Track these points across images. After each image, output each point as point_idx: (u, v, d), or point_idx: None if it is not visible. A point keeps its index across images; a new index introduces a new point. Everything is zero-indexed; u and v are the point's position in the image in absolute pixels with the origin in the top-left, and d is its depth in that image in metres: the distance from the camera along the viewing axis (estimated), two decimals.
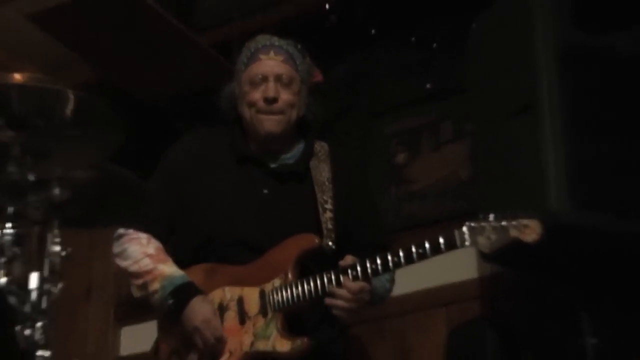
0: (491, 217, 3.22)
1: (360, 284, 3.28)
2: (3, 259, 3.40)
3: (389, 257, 3.29)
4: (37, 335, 3.39)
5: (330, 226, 3.48)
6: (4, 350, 2.95)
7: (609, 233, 3.49)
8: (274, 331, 3.33)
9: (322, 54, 5.17)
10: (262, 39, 3.62)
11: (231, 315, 3.38)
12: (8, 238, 3.42)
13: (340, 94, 5.09)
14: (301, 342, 3.32)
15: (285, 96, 3.51)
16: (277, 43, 3.60)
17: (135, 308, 5.23)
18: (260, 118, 3.51)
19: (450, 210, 4.58)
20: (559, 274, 3.75)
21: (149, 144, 5.36)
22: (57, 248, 3.62)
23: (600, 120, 3.55)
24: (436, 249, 3.25)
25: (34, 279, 3.51)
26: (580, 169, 3.46)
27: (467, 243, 3.23)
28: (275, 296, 3.36)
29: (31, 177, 3.46)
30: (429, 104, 4.86)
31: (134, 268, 3.46)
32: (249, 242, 3.45)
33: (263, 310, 3.37)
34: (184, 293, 3.35)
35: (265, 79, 3.51)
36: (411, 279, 4.31)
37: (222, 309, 3.40)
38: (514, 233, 3.20)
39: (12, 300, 3.27)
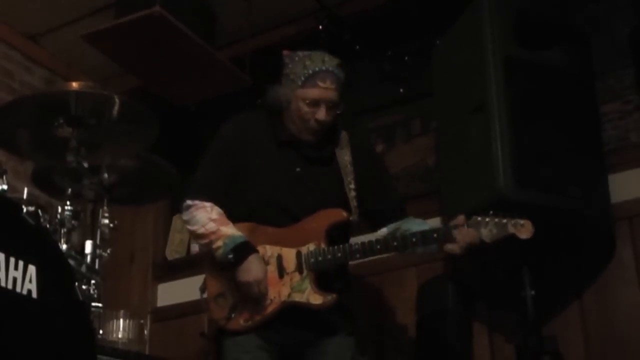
0: (494, 214, 3.22)
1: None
2: (64, 230, 3.41)
3: (410, 238, 3.30)
4: (92, 291, 3.42)
5: (355, 203, 3.43)
6: None
7: (544, 205, 3.50)
8: (308, 286, 3.30)
9: None
10: (319, 61, 3.42)
11: (271, 269, 3.32)
12: (67, 213, 3.44)
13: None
14: (331, 297, 3.30)
15: (331, 117, 3.42)
16: (331, 68, 3.41)
17: (169, 269, 5.26)
18: (307, 130, 3.44)
19: (418, 190, 4.57)
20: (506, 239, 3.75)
21: (179, 139, 5.37)
22: (107, 221, 3.65)
23: (537, 117, 3.56)
24: (448, 235, 3.27)
25: (88, 246, 3.55)
26: (521, 156, 3.47)
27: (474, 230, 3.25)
28: (310, 258, 3.32)
29: (85, 165, 3.47)
30: (402, 105, 4.84)
31: (201, 231, 3.36)
32: (285, 210, 3.40)
33: (299, 268, 3.32)
34: (242, 251, 3.27)
35: (318, 103, 3.38)
36: None
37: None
38: (511, 230, 3.21)
39: (71, 262, 3.29)
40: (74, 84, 3.46)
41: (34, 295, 2.75)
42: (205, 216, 3.38)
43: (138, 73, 5.21)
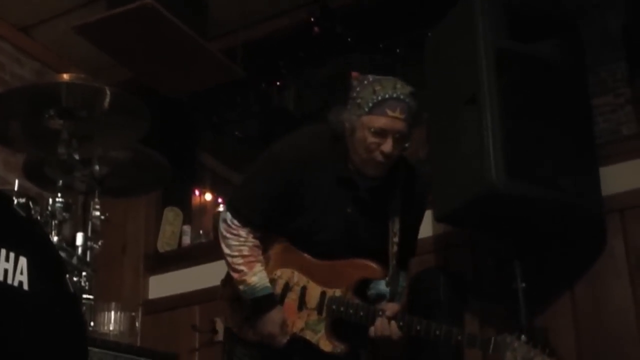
0: (524, 340, 3.03)
1: (400, 334, 3.19)
2: (55, 222, 3.41)
3: (432, 329, 3.15)
4: (83, 283, 3.42)
5: (394, 261, 3.30)
6: None
7: (535, 197, 3.51)
8: (322, 329, 3.24)
9: (308, 58, 5.20)
10: (390, 87, 3.16)
11: (292, 297, 3.29)
12: (59, 205, 3.44)
13: (323, 89, 5.09)
14: (340, 349, 3.25)
15: (397, 150, 3.18)
16: (402, 96, 3.16)
17: (161, 261, 5.26)
18: (370, 163, 3.19)
19: None
20: (497, 231, 3.76)
21: (171, 131, 5.38)
22: (98, 213, 3.65)
23: (527, 109, 3.56)
24: (472, 344, 3.14)
25: (79, 238, 3.55)
26: (513, 148, 3.46)
27: (496, 352, 3.05)
28: (332, 303, 3.26)
29: (77, 157, 3.47)
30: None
31: (228, 259, 3.31)
32: (322, 247, 3.30)
33: (319, 308, 3.26)
34: (261, 304, 3.25)
35: (386, 133, 3.13)
36: None
37: (286, 287, 3.31)
38: None
39: (62, 254, 3.28)
40: (65, 76, 3.46)
41: (25, 287, 2.74)
42: (237, 247, 3.30)
43: (130, 65, 5.20)
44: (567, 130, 3.71)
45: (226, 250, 3.33)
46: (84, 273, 3.43)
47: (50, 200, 3.44)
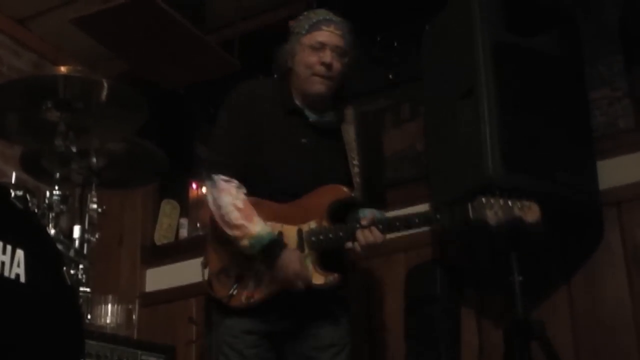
0: (499, 196, 3.13)
1: (383, 237, 3.23)
2: (52, 214, 3.41)
3: (410, 220, 3.24)
4: (80, 275, 3.42)
5: (358, 180, 3.37)
6: None
7: (532, 190, 3.50)
8: (309, 265, 3.25)
9: None
10: (324, 13, 3.46)
11: None
12: (56, 198, 3.44)
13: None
14: (333, 277, 3.26)
15: (337, 65, 3.38)
16: (336, 20, 3.43)
17: (157, 254, 5.26)
18: (313, 79, 3.38)
19: (408, 174, 4.58)
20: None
21: (168, 123, 5.38)
22: (95, 206, 3.64)
23: (525, 102, 3.57)
24: (452, 218, 3.22)
25: (76, 230, 3.54)
26: (510, 141, 3.47)
27: (478, 215, 3.14)
28: (311, 236, 3.27)
29: (74, 149, 3.47)
30: (391, 90, 4.85)
31: (225, 218, 3.27)
32: (287, 184, 3.34)
33: (300, 246, 3.27)
34: (273, 250, 3.21)
35: (323, 46, 3.36)
36: None
37: None
38: (517, 213, 3.13)
39: (59, 246, 3.28)
40: (63, 68, 3.45)
41: (22, 279, 2.75)
42: (230, 202, 3.29)
43: (127, 57, 5.20)
44: (564, 123, 3.72)
45: (221, 211, 3.30)
46: (81, 265, 3.42)
47: (48, 193, 3.43)
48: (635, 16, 4.25)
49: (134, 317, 4.72)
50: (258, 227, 3.24)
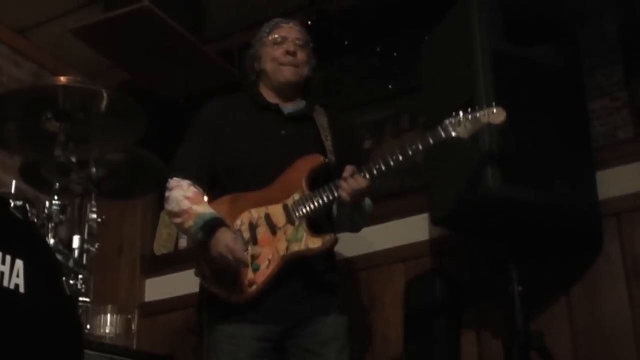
0: (463, 112, 3.25)
1: (368, 181, 3.26)
2: (52, 225, 3.42)
3: (390, 157, 3.27)
4: (79, 286, 3.42)
5: (331, 148, 3.46)
6: None
7: (532, 201, 3.52)
8: (304, 234, 3.29)
9: None
10: (282, 18, 3.73)
11: (263, 230, 3.31)
12: (55, 208, 3.45)
13: (320, 92, 5.09)
14: (330, 237, 3.31)
15: (300, 55, 3.57)
16: (293, 20, 3.72)
17: (157, 264, 5.26)
18: (281, 69, 3.54)
19: (407, 185, 4.58)
20: (494, 235, 3.77)
21: (167, 133, 5.37)
22: (95, 216, 3.65)
23: (524, 113, 3.57)
24: (427, 144, 3.25)
25: (76, 241, 3.55)
26: (509, 152, 3.47)
27: (449, 134, 3.24)
28: (298, 206, 3.32)
29: (73, 159, 3.48)
30: (391, 100, 4.85)
31: (176, 209, 3.38)
32: (272, 175, 3.40)
33: (290, 220, 3.31)
34: (210, 227, 3.25)
35: (285, 39, 3.57)
36: (376, 241, 4.35)
37: (252, 227, 3.32)
38: (484, 120, 3.24)
39: (59, 257, 3.29)
40: (62, 79, 3.46)
41: (22, 290, 2.76)
42: (181, 194, 3.39)
43: (127, 67, 5.22)
44: (563, 134, 3.71)
45: (171, 206, 3.42)
46: (80, 276, 3.43)
47: (47, 203, 3.45)
48: (635, 26, 4.27)
49: (133, 327, 4.72)
50: (203, 208, 3.34)
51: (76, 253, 3.51)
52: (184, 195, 3.38)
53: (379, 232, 4.26)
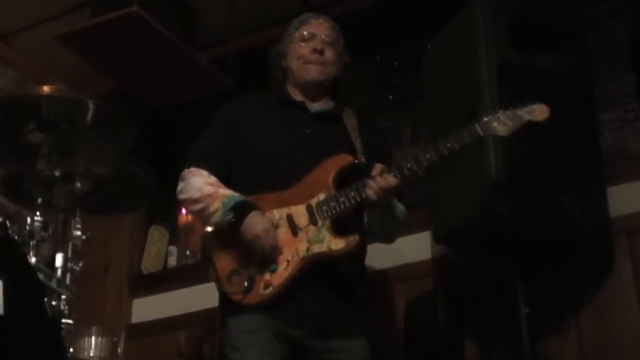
0: (502, 110, 3.17)
1: (397, 180, 3.21)
2: (33, 242, 3.43)
3: (423, 155, 3.20)
4: (62, 306, 3.44)
5: (362, 150, 3.41)
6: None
7: (538, 219, 3.53)
8: (326, 234, 3.24)
9: None
10: (311, 13, 3.76)
11: (283, 230, 3.28)
12: (37, 224, 3.47)
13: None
14: (353, 238, 3.24)
15: (329, 53, 3.57)
16: (324, 15, 3.70)
17: (145, 283, 5.27)
18: (307, 67, 3.55)
19: (409, 200, 4.57)
20: (498, 253, 3.78)
21: (157, 145, 5.40)
22: (79, 232, 3.67)
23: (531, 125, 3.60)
24: (462, 142, 3.16)
25: (59, 259, 3.57)
26: (515, 166, 3.49)
27: (489, 130, 3.16)
28: (322, 206, 3.28)
29: (57, 172, 3.50)
30: (391, 111, 4.86)
31: (196, 195, 3.37)
32: (295, 174, 3.37)
33: (313, 220, 3.27)
34: (243, 207, 3.26)
35: (313, 36, 3.58)
36: (377, 260, 4.34)
37: (272, 227, 3.30)
38: (525, 116, 3.15)
39: (41, 276, 3.30)
40: (46, 88, 3.49)
41: (1, 310, 2.77)
42: (202, 180, 3.40)
43: (114, 75, 5.25)
44: (572, 147, 3.74)
45: (189, 193, 3.41)
46: (63, 296, 3.45)
47: (29, 219, 3.46)
48: None
49: (119, 350, 4.71)
50: (229, 191, 3.35)
51: (59, 272, 3.53)
52: (206, 182, 3.39)
53: (378, 250, 4.24)
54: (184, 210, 5.41)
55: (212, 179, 3.41)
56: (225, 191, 3.35)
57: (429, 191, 4.11)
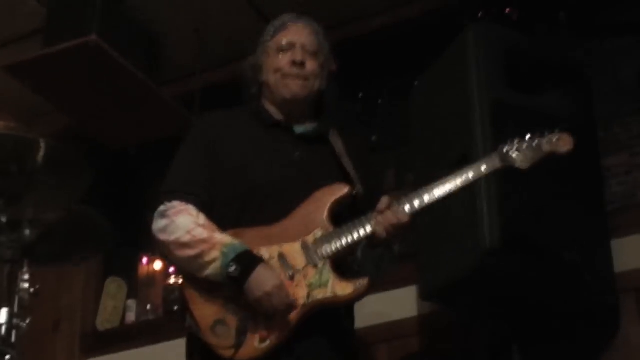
0: (521, 138, 3.11)
1: (408, 215, 3.09)
2: None
3: (435, 188, 3.11)
4: None
5: (357, 177, 3.28)
6: None
7: (536, 272, 3.53)
8: (329, 277, 3.09)
9: None
10: (290, 14, 3.51)
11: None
12: None
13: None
14: (362, 282, 3.09)
15: (310, 65, 3.38)
16: (304, 18, 3.48)
17: (100, 341, 5.23)
18: (286, 82, 3.36)
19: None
20: (493, 312, 3.77)
21: (116, 189, 5.38)
22: (26, 285, 3.61)
23: (529, 171, 3.59)
24: (479, 173, 3.10)
25: (3, 315, 3.51)
26: (511, 216, 3.50)
27: (508, 162, 3.09)
28: (321, 244, 3.14)
29: (3, 219, 3.46)
30: (374, 154, 4.86)
31: (186, 239, 3.13)
32: (286, 206, 3.21)
33: (311, 261, 3.12)
34: (249, 260, 3.06)
35: (292, 45, 3.38)
36: (359, 317, 4.31)
37: None
38: (547, 148, 3.11)
39: None
40: None
41: None
42: (191, 220, 3.17)
43: (69, 111, 5.23)
44: (573, 195, 3.75)
45: (176, 235, 3.17)
46: (7, 356, 3.40)
47: None
48: None
49: None
50: (229, 238, 3.14)
51: (3, 329, 3.48)
52: (195, 222, 3.17)
53: (360, 306, 4.23)
54: (144, 260, 5.38)
55: (202, 218, 3.19)
56: (222, 237, 3.13)
57: (416, 242, 4.09)
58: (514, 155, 3.09)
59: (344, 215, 3.21)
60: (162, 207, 3.26)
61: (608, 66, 4.37)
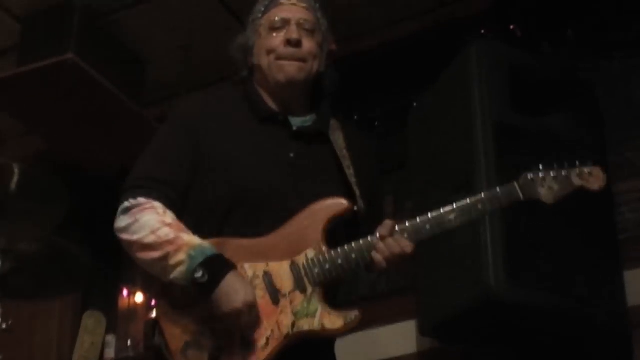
0: (550, 168, 2.99)
1: (412, 245, 2.93)
2: None
3: (445, 216, 2.96)
4: None
5: (357, 191, 3.08)
6: None
7: (543, 307, 3.53)
8: (318, 307, 2.93)
9: None
10: None
11: (260, 294, 2.91)
12: None
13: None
14: (354, 315, 2.93)
15: (308, 44, 3.14)
16: None
17: None
18: (280, 64, 3.11)
19: (391, 286, 4.58)
20: (497, 348, 3.77)
21: (95, 216, 5.36)
22: None
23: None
24: (496, 204, 2.96)
25: None
26: (516, 247, 3.50)
27: (531, 194, 2.96)
28: (313, 267, 2.96)
29: None
30: None
31: (150, 239, 2.89)
32: (276, 214, 3.01)
33: (299, 286, 2.95)
34: (218, 266, 2.87)
35: (287, 22, 3.14)
36: (351, 354, 4.30)
37: None
38: (577, 182, 3.00)
39: None
40: None
41: None
42: (156, 219, 2.94)
43: (45, 134, 5.22)
44: (583, 223, 3.75)
45: (140, 234, 2.94)
46: None
47: None
48: None
49: None
50: (198, 239, 2.93)
51: None
52: (162, 221, 2.93)
53: (355, 341, 4.21)
54: (125, 292, 5.37)
55: (169, 216, 2.96)
56: (190, 238, 2.91)
57: (415, 275, 4.08)
58: (539, 188, 2.99)
59: (339, 231, 3.02)
60: (126, 204, 3.01)
61: (619, 86, 4.38)
